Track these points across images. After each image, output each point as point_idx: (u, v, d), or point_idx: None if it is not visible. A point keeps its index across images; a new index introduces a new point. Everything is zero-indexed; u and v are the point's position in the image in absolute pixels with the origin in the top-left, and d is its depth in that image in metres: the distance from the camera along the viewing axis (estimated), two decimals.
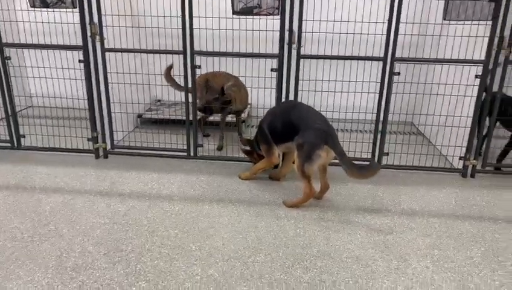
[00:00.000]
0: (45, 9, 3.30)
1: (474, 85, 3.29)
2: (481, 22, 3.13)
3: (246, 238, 2.50)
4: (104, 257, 2.30)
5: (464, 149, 3.45)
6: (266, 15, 3.16)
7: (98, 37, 3.33)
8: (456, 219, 2.80)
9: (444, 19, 3.14)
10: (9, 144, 3.69)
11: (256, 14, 3.16)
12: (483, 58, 3.18)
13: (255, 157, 3.34)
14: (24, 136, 3.69)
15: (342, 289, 2.10)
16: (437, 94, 3.48)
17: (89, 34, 3.33)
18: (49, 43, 3.50)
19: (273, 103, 3.41)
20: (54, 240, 2.44)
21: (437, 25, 3.59)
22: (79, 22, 3.26)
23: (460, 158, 3.50)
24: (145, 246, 2.41)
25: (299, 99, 3.36)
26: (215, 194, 3.04)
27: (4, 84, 3.51)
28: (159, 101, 5.04)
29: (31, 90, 4.55)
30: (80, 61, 3.40)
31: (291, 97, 3.36)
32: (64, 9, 3.35)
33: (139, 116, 4.51)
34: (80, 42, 3.33)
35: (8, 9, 3.43)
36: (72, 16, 3.33)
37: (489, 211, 2.93)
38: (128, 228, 2.58)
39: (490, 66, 3.17)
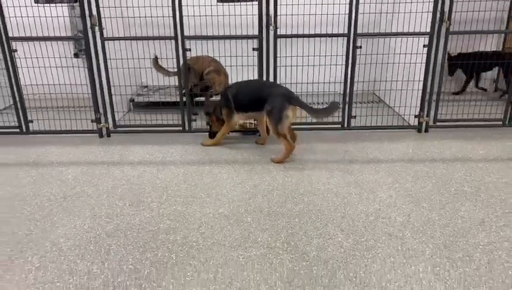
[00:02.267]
0: (48, 4, 3.67)
1: (423, 54, 3.92)
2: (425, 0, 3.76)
3: (245, 186, 3.04)
4: (130, 207, 2.78)
5: (418, 108, 4.09)
6: (246, 1, 3.66)
7: (97, 28, 3.74)
8: (413, 162, 3.43)
9: None
10: (18, 129, 4.06)
11: (238, 0, 3.65)
12: (429, 30, 3.81)
13: (212, 120, 3.84)
14: (32, 121, 4.06)
15: (326, 213, 2.67)
16: (393, 63, 4.10)
17: (89, 25, 3.73)
18: (53, 36, 3.87)
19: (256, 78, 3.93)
20: (83, 198, 2.90)
21: (390, 4, 4.20)
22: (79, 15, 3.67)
23: (415, 116, 4.14)
24: (162, 197, 2.90)
25: (277, 74, 3.89)
26: (212, 158, 3.55)
27: (12, 74, 3.86)
28: (146, 87, 5.46)
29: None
30: (80, 50, 3.80)
31: (271, 72, 3.88)
32: (66, 4, 3.73)
33: (131, 100, 4.94)
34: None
35: (14, 6, 3.77)
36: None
37: (439, 155, 3.57)
38: (144, 186, 3.07)
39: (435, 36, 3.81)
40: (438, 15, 3.73)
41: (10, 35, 3.76)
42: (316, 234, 2.44)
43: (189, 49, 3.83)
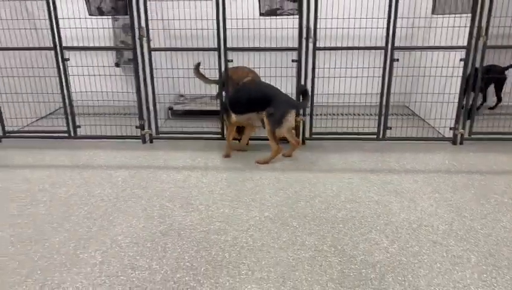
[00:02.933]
0: (100, 16, 3.90)
1: (459, 67, 3.99)
2: (462, 15, 3.84)
3: (286, 193, 3.15)
4: (180, 209, 2.92)
5: (453, 121, 4.15)
6: (288, 15, 3.81)
7: (145, 39, 3.95)
8: (450, 173, 3.49)
9: (432, 13, 3.83)
10: (66, 134, 4.28)
11: (279, 14, 3.81)
12: (465, 44, 3.88)
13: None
14: (79, 127, 4.28)
15: (369, 220, 2.75)
16: (429, 76, 4.18)
17: (137, 36, 3.94)
18: (103, 46, 4.09)
19: (294, 89, 4.06)
20: (134, 199, 3.05)
21: (427, 18, 4.29)
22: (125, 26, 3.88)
23: (450, 128, 4.19)
24: (209, 200, 3.03)
25: (315, 85, 4.02)
26: (252, 165, 3.67)
27: (64, 81, 4.09)
28: (182, 96, 5.66)
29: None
30: (129, 60, 4.01)
31: (309, 83, 4.01)
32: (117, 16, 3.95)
33: (170, 108, 5.13)
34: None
35: (69, 18, 4.02)
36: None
37: (476, 167, 3.62)
38: (191, 189, 3.21)
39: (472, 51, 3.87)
40: (475, 30, 3.80)
41: (64, 44, 3.98)
42: (361, 240, 2.53)
43: (231, 60, 3.99)
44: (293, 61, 3.97)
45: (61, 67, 4.06)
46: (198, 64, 4.62)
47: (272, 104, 3.55)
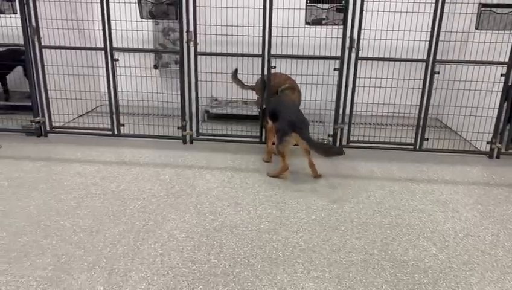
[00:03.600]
0: (151, 20, 4.05)
1: (500, 82, 4.04)
2: (506, 31, 3.89)
3: (330, 197, 3.23)
4: (228, 207, 3.02)
5: (491, 135, 4.18)
6: (332, 25, 3.91)
7: (192, 43, 4.09)
8: (490, 186, 3.53)
9: (476, 28, 3.88)
10: (110, 132, 4.43)
11: (325, 24, 3.91)
12: (507, 60, 3.93)
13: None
14: (123, 125, 4.42)
15: (415, 228, 2.82)
16: (464, 89, 4.22)
17: (185, 40, 4.08)
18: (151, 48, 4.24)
19: (334, 98, 4.15)
20: (184, 197, 3.17)
21: (470, 33, 4.34)
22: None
23: (487, 142, 4.23)
24: (255, 201, 3.13)
25: (355, 94, 4.10)
26: (294, 170, 3.75)
27: (111, 81, 4.25)
28: (216, 99, 5.78)
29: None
30: (176, 62, 4.15)
31: (349, 91, 4.10)
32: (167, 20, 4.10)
33: (206, 111, 5.26)
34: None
35: (120, 20, 4.18)
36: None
37: (506, 178, 3.66)
38: (236, 190, 3.31)
39: None
40: None
41: (114, 45, 4.15)
42: (410, 246, 2.59)
43: (274, 67, 4.10)
44: (335, 70, 4.07)
45: (109, 67, 4.21)
46: (236, 70, 4.73)
47: (278, 120, 3.58)
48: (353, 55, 3.99)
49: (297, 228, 2.77)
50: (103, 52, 4.19)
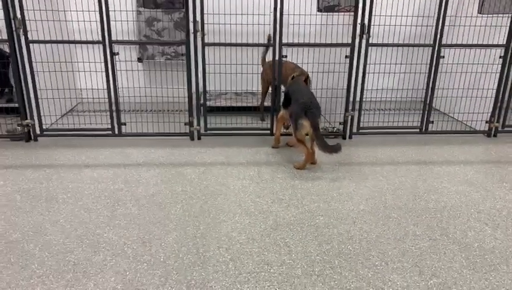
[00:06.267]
0: (154, 9, 3.77)
1: (498, 64, 4.23)
2: (505, 15, 4.07)
3: (367, 185, 3.22)
4: (273, 203, 2.92)
5: (488, 114, 4.40)
6: (344, 12, 3.88)
7: (199, 34, 3.87)
8: (504, 163, 3.70)
9: (479, 12, 4.03)
10: (110, 132, 4.11)
11: (337, 11, 3.86)
12: (505, 42, 4.12)
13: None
14: (125, 124, 4.12)
15: (461, 210, 2.88)
16: (467, 72, 4.39)
17: (191, 30, 3.86)
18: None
19: (345, 85, 4.13)
20: (222, 196, 3.01)
21: (472, 17, 4.48)
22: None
23: (486, 122, 4.44)
24: (296, 195, 3.05)
25: (365, 81, 4.11)
26: (319, 160, 3.71)
27: (111, 77, 3.93)
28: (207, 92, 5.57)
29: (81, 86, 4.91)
30: (182, 54, 3.91)
31: (360, 78, 4.10)
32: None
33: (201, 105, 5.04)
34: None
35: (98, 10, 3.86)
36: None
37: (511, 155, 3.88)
38: (271, 184, 3.20)
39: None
40: None
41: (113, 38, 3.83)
42: (465, 228, 2.65)
43: (286, 56, 4.00)
44: (346, 57, 4.05)
45: (109, 61, 3.89)
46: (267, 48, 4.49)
47: (291, 105, 3.50)
48: (364, 42, 3.99)
49: (352, 219, 2.73)
50: (98, 45, 3.84)
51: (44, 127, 4.10)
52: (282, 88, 4.17)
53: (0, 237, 2.44)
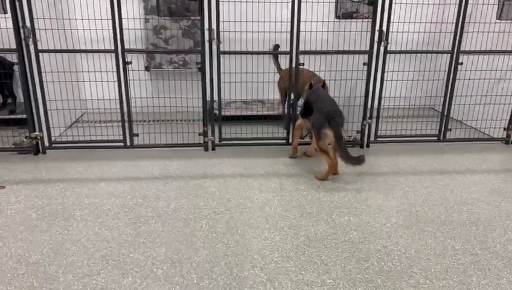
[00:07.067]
0: (168, 18, 3.66)
1: None
2: None
3: (395, 196, 3.12)
4: (301, 218, 2.80)
5: (507, 121, 4.33)
6: (362, 19, 3.79)
7: (214, 41, 3.76)
8: None
9: (497, 18, 3.98)
10: (122, 143, 3.97)
11: (355, 18, 3.78)
12: None
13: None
14: (137, 135, 3.99)
15: (495, 221, 2.79)
16: (484, 79, 4.31)
17: (206, 39, 3.75)
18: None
19: (363, 92, 4.04)
20: (247, 210, 2.88)
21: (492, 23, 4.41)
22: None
23: (504, 129, 4.37)
24: (324, 208, 2.93)
25: (383, 88, 4.02)
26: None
27: (123, 87, 3.80)
28: (214, 101, 5.45)
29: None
30: (197, 63, 3.80)
31: (377, 86, 4.01)
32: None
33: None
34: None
35: (107, 19, 3.73)
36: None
37: None
38: (297, 197, 3.09)
39: None
40: None
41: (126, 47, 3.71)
42: (504, 241, 2.56)
43: (303, 64, 3.90)
44: (364, 64, 3.96)
45: (121, 70, 3.76)
46: (277, 45, 4.42)
47: (313, 113, 3.40)
48: (382, 49, 3.91)
49: (387, 234, 2.62)
50: (106, 55, 3.72)
51: (53, 139, 3.95)
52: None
53: (20, 259, 2.29)
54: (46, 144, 3.94)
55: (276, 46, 4.41)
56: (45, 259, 2.30)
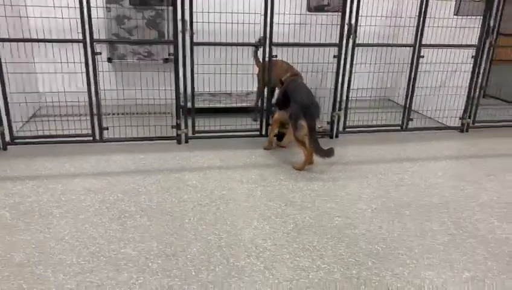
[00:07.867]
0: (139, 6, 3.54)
1: (469, 63, 4.48)
2: (476, 17, 4.32)
3: (369, 183, 3.26)
4: (287, 207, 2.86)
5: (461, 111, 4.65)
6: (333, 12, 3.90)
7: (187, 32, 3.70)
8: (483, 157, 3.92)
9: (455, 14, 4.24)
10: (91, 137, 3.82)
11: (327, 11, 3.88)
12: (476, 43, 4.38)
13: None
14: (107, 129, 3.85)
15: (463, 203, 3.00)
16: (449, 71, 4.59)
17: (179, 29, 3.68)
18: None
19: (333, 84, 4.17)
20: (232, 201, 2.89)
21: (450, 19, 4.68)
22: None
23: (459, 118, 4.69)
24: (306, 197, 3.01)
25: (351, 80, 4.17)
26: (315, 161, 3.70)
27: (92, 78, 3.65)
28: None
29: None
30: (169, 54, 3.73)
31: (346, 78, 4.15)
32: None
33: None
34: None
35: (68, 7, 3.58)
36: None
37: (494, 151, 4.13)
38: (278, 187, 3.14)
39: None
40: (485, 29, 4.31)
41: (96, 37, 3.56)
42: (473, 221, 2.77)
43: (276, 56, 3.95)
44: (334, 56, 4.08)
45: (89, 61, 3.61)
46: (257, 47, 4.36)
47: (290, 105, 3.48)
48: (351, 42, 4.04)
49: (368, 219, 2.75)
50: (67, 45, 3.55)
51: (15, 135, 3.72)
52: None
53: (1, 261, 2.16)
54: (8, 139, 3.69)
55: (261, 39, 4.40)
56: (30, 259, 2.19)
